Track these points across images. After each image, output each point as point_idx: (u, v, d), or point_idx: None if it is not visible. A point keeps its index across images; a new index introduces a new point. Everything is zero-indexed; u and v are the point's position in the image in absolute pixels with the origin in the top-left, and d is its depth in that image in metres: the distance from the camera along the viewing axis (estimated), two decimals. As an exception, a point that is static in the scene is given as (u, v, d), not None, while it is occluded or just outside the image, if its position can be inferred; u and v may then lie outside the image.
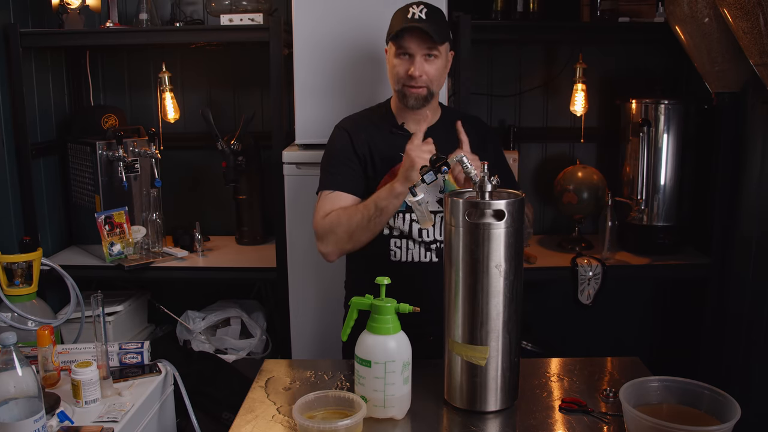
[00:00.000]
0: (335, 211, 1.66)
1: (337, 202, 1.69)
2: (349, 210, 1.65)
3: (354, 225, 1.62)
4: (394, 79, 1.73)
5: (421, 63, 1.68)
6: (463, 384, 1.38)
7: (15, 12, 2.48)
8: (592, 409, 1.38)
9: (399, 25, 1.68)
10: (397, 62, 1.70)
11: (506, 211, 1.29)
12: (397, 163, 1.71)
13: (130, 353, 1.72)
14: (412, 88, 1.70)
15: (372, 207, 1.60)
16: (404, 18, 1.68)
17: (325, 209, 1.69)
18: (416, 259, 1.74)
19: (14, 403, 1.20)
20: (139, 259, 2.52)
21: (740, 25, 1.66)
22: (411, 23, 1.66)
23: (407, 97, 1.71)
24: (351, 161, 1.73)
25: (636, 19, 2.43)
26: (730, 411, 1.20)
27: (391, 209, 1.60)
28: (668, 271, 2.46)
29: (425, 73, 1.69)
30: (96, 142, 2.49)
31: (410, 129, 1.76)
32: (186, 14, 2.75)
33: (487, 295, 1.32)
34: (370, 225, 1.61)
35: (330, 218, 1.66)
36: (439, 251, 1.75)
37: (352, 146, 1.74)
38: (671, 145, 2.43)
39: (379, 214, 1.60)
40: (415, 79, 1.68)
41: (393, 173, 1.72)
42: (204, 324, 2.66)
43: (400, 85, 1.72)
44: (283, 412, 1.40)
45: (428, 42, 1.67)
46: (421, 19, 1.66)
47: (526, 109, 2.87)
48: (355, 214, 1.62)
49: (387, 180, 1.72)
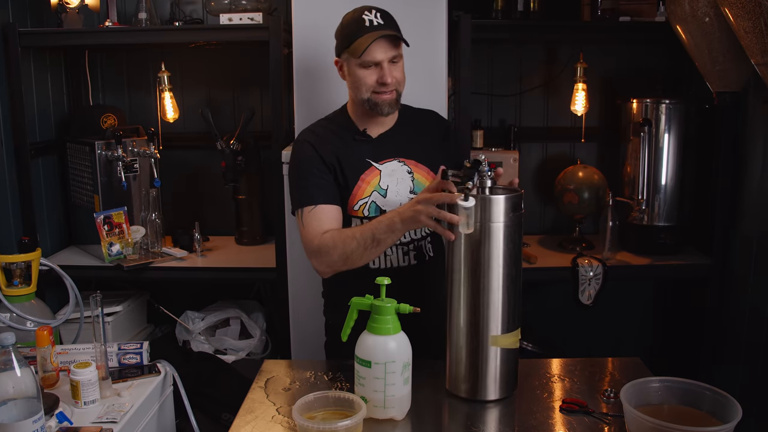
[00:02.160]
0: (329, 234, 1.61)
1: (323, 216, 1.65)
2: (344, 235, 1.60)
3: (349, 252, 1.58)
4: (362, 89, 1.67)
5: (389, 69, 1.64)
6: (465, 374, 1.42)
7: (14, 11, 2.48)
8: (592, 409, 1.38)
9: (361, 36, 1.62)
10: (365, 74, 1.65)
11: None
12: (365, 170, 1.71)
13: (129, 354, 1.72)
14: (383, 94, 1.66)
15: (369, 238, 1.56)
16: (362, 27, 1.63)
17: (314, 227, 1.64)
18: (395, 264, 1.73)
19: (13, 404, 1.20)
20: (138, 259, 2.51)
21: (741, 24, 1.65)
22: (375, 31, 1.61)
23: (379, 105, 1.67)
24: (321, 172, 1.69)
25: (637, 18, 2.43)
26: (731, 411, 1.20)
27: (389, 242, 1.57)
28: (669, 272, 2.46)
29: (394, 77, 1.65)
30: (95, 141, 2.48)
31: (372, 134, 1.75)
32: (185, 13, 2.75)
33: (488, 288, 1.39)
34: (365, 254, 1.58)
35: (325, 240, 1.61)
36: (418, 252, 1.73)
37: (319, 157, 1.69)
38: (672, 144, 2.43)
39: (376, 245, 1.56)
40: (386, 85, 1.64)
41: (364, 181, 1.70)
42: (203, 324, 2.66)
43: (369, 93, 1.66)
44: (282, 412, 1.39)
45: (393, 47, 1.64)
46: (380, 25, 1.62)
47: (527, 109, 2.86)
48: (351, 242, 1.57)
49: (360, 188, 1.70)
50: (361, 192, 1.70)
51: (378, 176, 1.72)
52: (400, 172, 1.73)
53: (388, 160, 1.73)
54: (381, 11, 1.66)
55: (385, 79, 1.64)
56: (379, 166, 1.72)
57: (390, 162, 1.73)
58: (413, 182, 1.74)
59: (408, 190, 1.74)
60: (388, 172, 1.72)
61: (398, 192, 1.72)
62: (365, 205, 1.70)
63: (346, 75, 1.71)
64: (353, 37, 1.64)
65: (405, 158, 1.74)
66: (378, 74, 1.64)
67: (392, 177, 1.72)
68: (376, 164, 1.72)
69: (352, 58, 1.66)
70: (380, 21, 1.63)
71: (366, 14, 1.64)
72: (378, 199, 1.71)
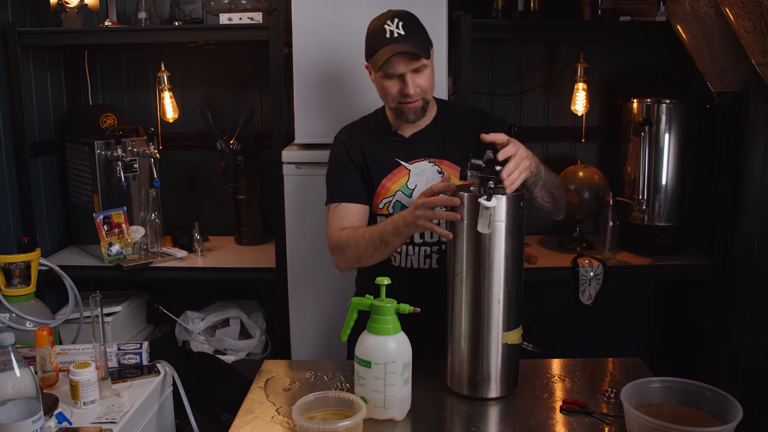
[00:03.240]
0: (345, 232, 1.66)
1: (344, 213, 1.70)
2: (357, 234, 1.64)
3: (360, 251, 1.63)
4: (387, 99, 1.70)
5: (412, 80, 1.64)
6: (467, 371, 1.43)
7: (13, 11, 2.47)
8: (593, 410, 1.38)
9: (381, 48, 1.62)
10: (388, 84, 1.66)
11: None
12: (393, 168, 1.73)
13: (128, 354, 1.72)
14: (408, 104, 1.67)
15: (377, 239, 1.59)
16: (382, 39, 1.62)
17: (334, 224, 1.69)
18: (415, 265, 1.73)
19: (12, 404, 1.20)
20: (137, 259, 2.51)
21: (742, 24, 1.65)
22: (393, 44, 1.60)
23: (405, 113, 1.69)
24: (350, 170, 1.73)
25: (637, 18, 2.43)
26: (732, 412, 1.20)
27: (396, 244, 1.59)
28: (669, 272, 2.46)
29: (418, 87, 1.65)
30: (94, 141, 2.48)
31: (405, 133, 1.77)
32: (185, 13, 2.74)
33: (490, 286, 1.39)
34: (375, 254, 1.62)
35: (340, 238, 1.66)
36: (441, 256, 1.73)
37: (348, 155, 1.74)
38: (673, 144, 2.42)
39: (384, 246, 1.59)
40: (409, 96, 1.65)
41: (390, 180, 1.73)
42: (203, 324, 2.65)
43: (395, 103, 1.69)
44: (282, 413, 1.39)
45: (414, 60, 1.62)
46: (401, 36, 1.61)
47: (527, 109, 2.86)
48: (361, 242, 1.62)
49: (384, 186, 1.73)
50: (386, 191, 1.73)
51: (407, 176, 1.73)
52: (430, 171, 1.73)
53: (419, 159, 1.74)
54: (405, 19, 1.63)
55: (407, 91, 1.64)
56: (409, 165, 1.74)
57: (420, 162, 1.74)
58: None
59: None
60: (417, 172, 1.73)
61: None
62: (389, 204, 1.73)
63: (374, 81, 1.73)
64: (374, 48, 1.65)
65: (437, 158, 1.74)
66: (400, 85, 1.65)
67: (421, 177, 1.73)
68: (406, 164, 1.74)
69: (374, 70, 1.68)
70: (401, 32, 1.61)
71: (388, 24, 1.62)
72: (403, 199, 1.73)
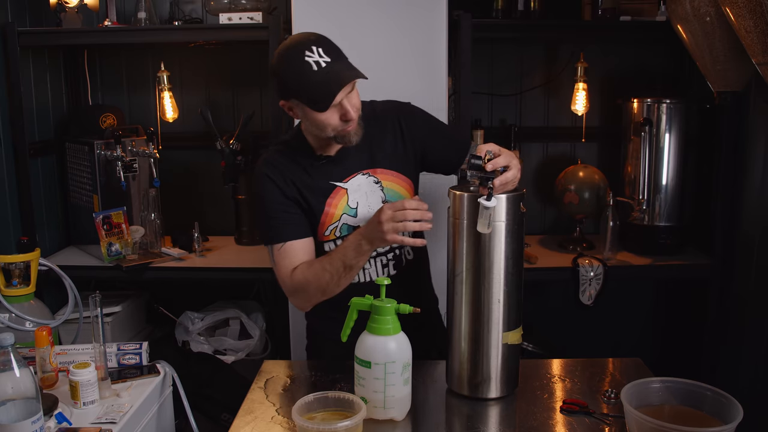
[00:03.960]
0: (300, 269, 1.57)
1: (292, 252, 1.60)
2: (314, 268, 1.55)
3: (324, 284, 1.54)
4: (326, 129, 1.54)
5: (350, 102, 1.51)
6: (467, 371, 1.43)
7: (13, 11, 2.47)
8: (593, 410, 1.38)
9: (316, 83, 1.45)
10: (326, 116, 1.50)
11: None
12: (330, 192, 1.62)
13: (128, 354, 1.72)
14: (349, 126, 1.54)
15: (339, 265, 1.51)
16: (309, 73, 1.45)
17: (285, 266, 1.59)
18: (374, 277, 1.66)
19: (12, 405, 1.20)
20: (137, 259, 2.51)
21: (743, 23, 1.65)
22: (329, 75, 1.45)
23: (347, 137, 1.55)
24: (286, 206, 1.61)
25: (637, 17, 2.43)
26: (732, 412, 1.20)
27: (360, 265, 1.52)
28: (670, 272, 2.46)
29: (355, 107, 1.53)
30: (94, 141, 2.48)
31: (331, 153, 1.64)
32: (185, 13, 2.74)
33: (490, 286, 1.39)
34: (341, 281, 1.54)
35: (297, 278, 1.57)
36: (396, 261, 1.68)
37: (281, 191, 1.60)
38: (673, 144, 2.42)
39: (348, 270, 1.52)
40: (352, 119, 1.52)
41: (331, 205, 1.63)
42: (203, 325, 2.65)
43: (335, 132, 1.54)
44: (282, 413, 1.39)
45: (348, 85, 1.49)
46: (329, 63, 1.46)
47: (527, 109, 2.86)
48: (323, 275, 1.53)
49: (327, 214, 1.63)
50: (330, 217, 1.63)
51: (345, 196, 1.63)
52: (367, 185, 1.65)
53: (352, 175, 1.64)
54: (321, 43, 1.48)
55: (349, 117, 1.51)
56: (345, 184, 1.63)
57: (355, 177, 1.64)
58: (383, 191, 1.66)
59: (380, 200, 1.65)
60: (354, 188, 1.64)
61: (369, 205, 1.64)
62: (335, 229, 1.64)
63: (301, 117, 1.57)
64: (306, 85, 1.47)
65: (369, 169, 1.65)
66: (340, 112, 1.51)
67: (360, 192, 1.64)
68: (341, 183, 1.63)
69: (306, 106, 1.51)
70: (327, 59, 1.46)
71: (308, 56, 1.45)
72: (349, 220, 1.64)
